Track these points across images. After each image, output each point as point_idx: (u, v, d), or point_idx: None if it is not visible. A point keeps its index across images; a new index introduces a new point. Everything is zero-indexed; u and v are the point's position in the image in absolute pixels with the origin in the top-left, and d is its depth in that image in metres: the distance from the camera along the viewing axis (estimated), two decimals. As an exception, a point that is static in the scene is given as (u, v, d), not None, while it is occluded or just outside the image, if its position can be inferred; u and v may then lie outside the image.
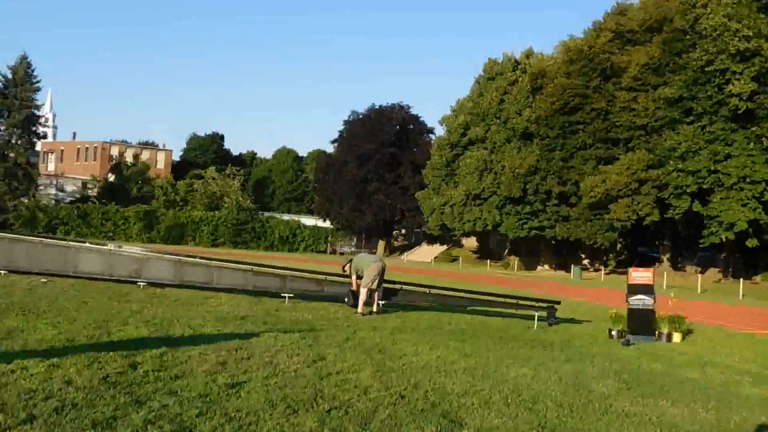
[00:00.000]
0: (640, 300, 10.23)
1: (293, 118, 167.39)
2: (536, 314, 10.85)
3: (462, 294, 11.58)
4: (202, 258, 12.27)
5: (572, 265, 39.29)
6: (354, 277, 10.78)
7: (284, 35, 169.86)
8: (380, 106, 57.14)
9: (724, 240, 30.91)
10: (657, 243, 41.61)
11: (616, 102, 36.50)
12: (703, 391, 6.28)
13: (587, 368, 7.04)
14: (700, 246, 33.21)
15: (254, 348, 6.67)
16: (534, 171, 39.68)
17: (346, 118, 58.35)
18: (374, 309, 10.80)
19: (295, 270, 12.04)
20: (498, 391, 5.56)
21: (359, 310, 10.51)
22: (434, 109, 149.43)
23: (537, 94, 41.26)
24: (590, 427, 4.59)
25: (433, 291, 11.36)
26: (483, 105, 45.35)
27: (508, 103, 44.20)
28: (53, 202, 67.38)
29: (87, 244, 12.64)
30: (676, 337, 9.88)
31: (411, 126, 57.78)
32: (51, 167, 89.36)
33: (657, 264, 37.30)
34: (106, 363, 5.44)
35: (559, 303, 11.47)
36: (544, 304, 11.22)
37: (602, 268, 40.01)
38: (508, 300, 11.49)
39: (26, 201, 61.07)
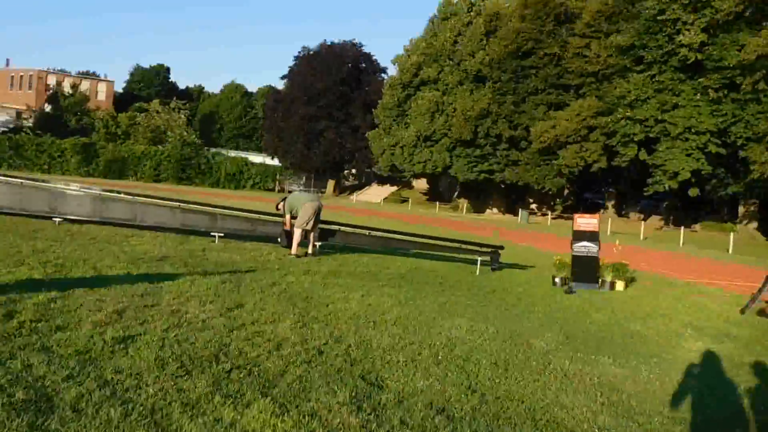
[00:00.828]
0: (585, 247, 9.94)
1: (244, 53, 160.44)
2: (479, 259, 10.45)
3: (404, 237, 11.05)
4: (125, 193, 11.24)
5: (520, 210, 39.61)
6: (288, 216, 10.05)
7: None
8: (332, 43, 54.92)
9: (668, 189, 31.49)
10: (603, 190, 42.30)
11: (569, 48, 36.00)
12: (646, 346, 5.98)
13: (527, 319, 6.65)
14: (644, 194, 33.80)
15: (163, 294, 5.94)
16: (485, 114, 39.16)
17: (297, 54, 56.01)
18: (309, 251, 10.15)
19: (227, 208, 11.20)
20: (428, 345, 5.06)
21: (293, 251, 9.85)
22: (388, 48, 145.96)
23: (491, 36, 40.25)
24: (525, 390, 4.13)
25: (374, 233, 10.77)
26: (437, 45, 44.04)
27: (461, 45, 43.05)
28: (-18, 131, 63.06)
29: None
30: (620, 285, 9.68)
31: (363, 65, 55.93)
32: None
33: (602, 210, 37.99)
34: (-29, 312, 4.63)
35: (502, 248, 11.11)
36: (488, 249, 10.82)
37: (549, 212, 40.51)
38: (452, 244, 11.03)
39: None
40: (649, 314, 7.82)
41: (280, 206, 10.23)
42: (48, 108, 70.25)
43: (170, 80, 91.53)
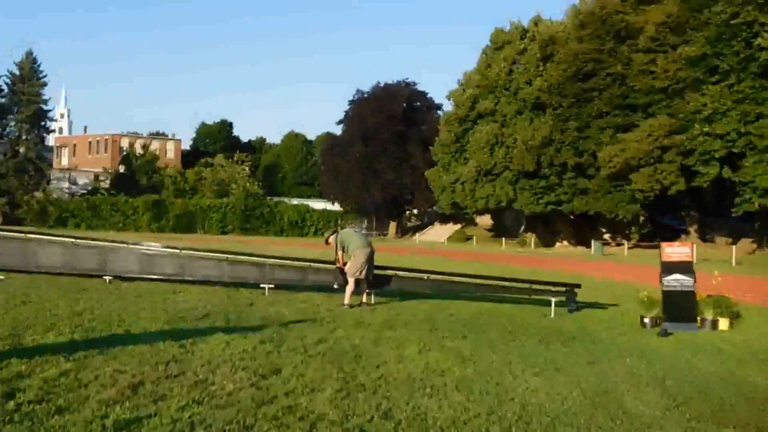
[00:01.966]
0: (677, 281, 8.61)
1: (302, 103, 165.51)
2: (553, 300, 9.30)
3: (466, 279, 10.05)
4: (172, 247, 10.88)
5: (592, 241, 37.50)
6: (340, 252, 9.34)
7: (289, 19, 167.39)
8: (385, 84, 55.29)
9: (758, 207, 28.86)
10: (683, 214, 39.51)
11: (633, 65, 34.24)
12: (778, 406, 4.72)
13: (619, 374, 5.50)
14: (732, 215, 31.12)
15: (192, 360, 5.25)
16: (548, 143, 37.69)
17: (351, 98, 56.65)
18: (363, 299, 9.34)
19: (276, 257, 10.61)
20: (498, 418, 4.07)
21: (346, 301, 9.06)
22: (442, 84, 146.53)
23: (548, 62, 39.09)
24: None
25: (433, 277, 9.84)
26: (491, 76, 43.26)
27: (517, 74, 42.09)
28: (67, 195, 66.99)
29: (47, 237, 11.31)
30: (723, 323, 8.27)
31: (418, 103, 55.88)
32: (65, 161, 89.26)
33: (684, 236, 35.37)
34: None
35: (579, 286, 9.89)
36: (562, 288, 9.65)
37: (625, 242, 38.15)
38: (520, 284, 9.94)
39: (38, 195, 60.66)
40: (766, 360, 6.46)
41: (331, 240, 9.55)
42: (122, 169, 73.99)
43: (233, 134, 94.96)
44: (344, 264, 9.31)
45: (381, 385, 4.76)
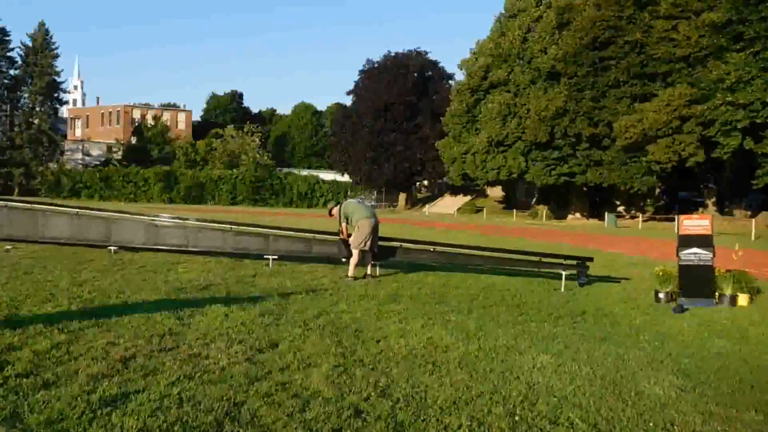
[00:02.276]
0: (695, 254, 8.31)
1: (312, 73, 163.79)
2: (564, 273, 9.04)
3: (473, 252, 9.81)
4: (178, 218, 10.72)
5: (606, 213, 37.01)
6: (344, 224, 9.14)
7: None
8: (396, 54, 54.37)
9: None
10: (701, 186, 38.77)
11: (653, 32, 33.26)
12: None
13: (631, 352, 5.26)
14: (753, 188, 30.42)
15: (187, 333, 5.09)
16: (562, 113, 36.95)
17: (362, 68, 55.85)
18: (368, 271, 9.14)
19: (280, 228, 10.41)
20: (502, 398, 3.86)
21: (350, 273, 8.87)
22: (454, 53, 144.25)
23: (564, 29, 38.09)
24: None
25: (439, 248, 9.60)
26: (505, 45, 42.31)
27: (532, 42, 41.10)
28: (80, 166, 67.28)
29: (52, 207, 11.19)
30: (743, 299, 7.97)
31: (430, 72, 55.00)
32: (78, 133, 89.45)
33: (701, 209, 34.77)
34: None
35: (591, 259, 9.62)
36: (573, 261, 9.38)
37: (639, 215, 37.59)
38: (530, 257, 9.68)
39: (52, 166, 60.99)
40: (789, 337, 6.19)
41: (334, 212, 9.35)
42: (134, 140, 74.01)
43: (244, 105, 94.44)
44: (348, 236, 9.10)
45: (380, 361, 4.57)
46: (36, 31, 61.80)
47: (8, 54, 60.55)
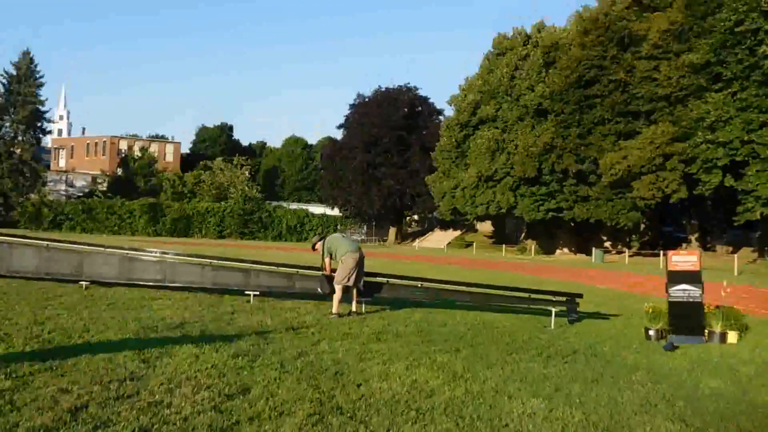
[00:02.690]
0: (684, 291, 8.11)
1: (302, 106, 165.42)
2: (553, 310, 8.79)
3: (462, 288, 9.54)
4: (156, 252, 10.38)
5: (593, 248, 37.00)
6: (327, 259, 8.83)
7: (290, 18, 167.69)
8: (387, 88, 54.92)
9: (760, 216, 28.38)
10: (684, 222, 39.02)
11: (636, 72, 33.87)
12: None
13: (625, 394, 4.99)
14: (734, 224, 30.64)
15: (152, 376, 4.75)
16: (549, 149, 37.25)
17: (353, 102, 56.27)
18: (353, 308, 8.83)
19: (261, 263, 10.11)
20: (490, 451, 3.56)
21: (334, 310, 8.56)
22: (444, 90, 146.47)
23: (550, 68, 38.77)
24: None
25: (426, 284, 9.33)
26: (493, 82, 42.89)
27: (519, 79, 41.70)
28: (64, 197, 66.46)
29: (20, 239, 10.80)
30: (732, 336, 7.76)
31: (419, 108, 55.51)
32: (62, 163, 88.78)
33: (685, 245, 34.86)
34: None
35: (581, 296, 9.39)
36: (563, 297, 9.14)
37: (626, 250, 37.63)
38: (519, 293, 9.43)
39: (32, 197, 60.17)
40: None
41: (318, 246, 9.05)
42: (120, 172, 73.55)
43: (234, 138, 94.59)
44: (332, 271, 8.82)
45: (360, 408, 4.25)
46: (20, 59, 61.75)
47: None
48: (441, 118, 53.18)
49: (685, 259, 8.47)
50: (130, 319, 7.34)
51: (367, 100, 55.04)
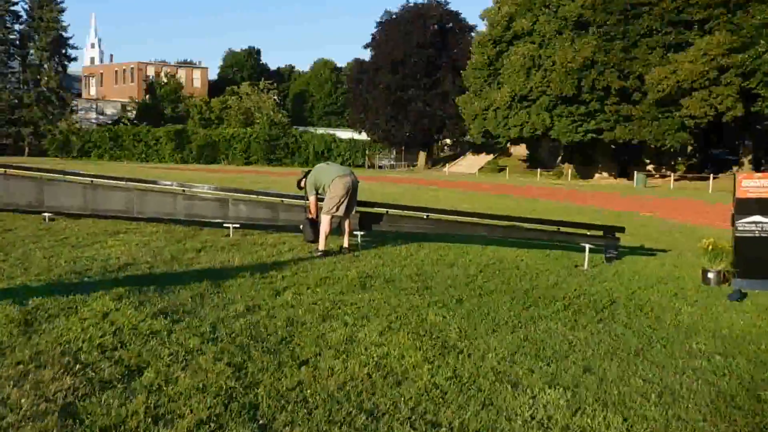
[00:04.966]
0: (757, 224, 6.41)
1: (330, 27, 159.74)
2: (587, 246, 7.20)
3: (475, 220, 7.97)
4: (123, 179, 9.06)
5: (635, 172, 34.61)
6: (312, 198, 7.36)
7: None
8: (415, 4, 51.33)
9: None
10: (736, 143, 36.01)
11: (692, -26, 30.18)
12: None
13: (684, 381, 3.47)
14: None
15: (26, 345, 3.44)
16: (590, 65, 34.22)
17: (379, 20, 53.02)
18: (345, 244, 7.41)
19: (240, 191, 8.70)
20: None
21: (320, 246, 7.15)
22: (476, 3, 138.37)
23: (594, -27, 34.99)
24: None
25: (434, 216, 7.80)
26: (530, -8, 39.23)
27: (560, -12, 37.97)
28: (94, 125, 66.13)
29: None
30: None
31: (450, 24, 51.95)
32: (93, 91, 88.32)
33: (737, 168, 32.19)
34: None
35: (622, 230, 7.73)
36: (599, 232, 7.52)
37: (670, 173, 35.11)
38: (546, 227, 7.83)
39: (61, 125, 59.92)
40: None
41: (303, 183, 7.54)
42: (147, 98, 72.48)
43: (261, 62, 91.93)
44: (317, 213, 7.33)
45: (285, 408, 2.86)
46: (41, -17, 59.95)
47: (12, 9, 59.01)
48: (473, 35, 49.72)
49: (759, 183, 6.68)
50: (64, 260, 6.07)
51: (394, 17, 51.72)
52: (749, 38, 27.06)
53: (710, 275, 6.53)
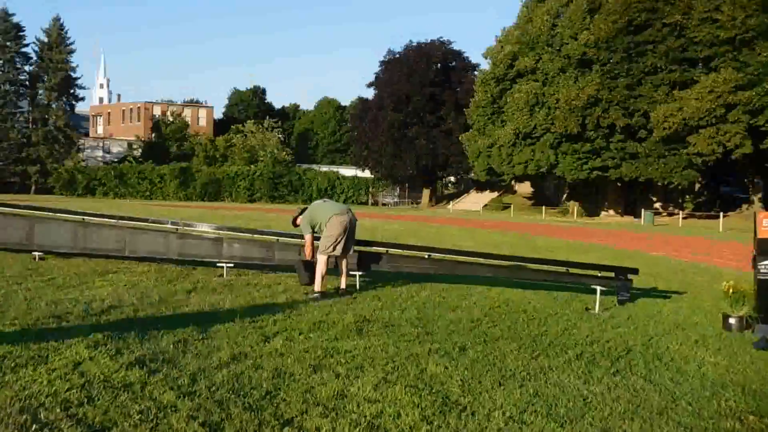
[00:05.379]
0: (780, 265, 6.03)
1: (335, 69, 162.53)
2: (598, 288, 6.83)
3: (480, 260, 7.62)
4: (112, 217, 8.79)
5: (643, 210, 34.25)
6: (309, 236, 7.04)
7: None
8: (418, 43, 52.02)
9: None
10: (745, 181, 35.70)
11: (693, 14, 30.46)
12: None
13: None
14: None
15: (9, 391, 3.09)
16: (594, 102, 34.27)
17: (382, 59, 53.65)
18: (342, 285, 7.05)
19: (235, 229, 8.41)
20: None
21: (316, 287, 6.80)
22: (479, 43, 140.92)
23: (595, 14, 35.41)
24: None
25: (436, 255, 7.46)
26: (532, 32, 39.65)
27: (561, 27, 38.37)
28: (101, 164, 66.62)
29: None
30: None
31: (453, 63, 52.48)
32: (100, 130, 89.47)
33: (747, 206, 31.81)
34: None
35: (635, 272, 7.36)
36: (611, 273, 7.15)
37: (678, 211, 34.72)
38: (554, 267, 7.47)
39: (67, 164, 60.40)
40: None
41: (299, 220, 7.24)
42: (153, 137, 73.18)
43: (266, 101, 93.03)
44: (313, 253, 7.00)
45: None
46: (50, 26, 61.25)
47: (23, 50, 60.15)
48: (476, 73, 50.16)
49: (779, 222, 6.32)
50: (45, 303, 5.74)
51: (397, 56, 52.36)
52: (756, 75, 27.05)
53: (732, 321, 6.12)
